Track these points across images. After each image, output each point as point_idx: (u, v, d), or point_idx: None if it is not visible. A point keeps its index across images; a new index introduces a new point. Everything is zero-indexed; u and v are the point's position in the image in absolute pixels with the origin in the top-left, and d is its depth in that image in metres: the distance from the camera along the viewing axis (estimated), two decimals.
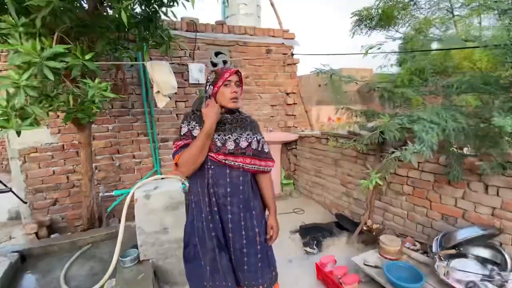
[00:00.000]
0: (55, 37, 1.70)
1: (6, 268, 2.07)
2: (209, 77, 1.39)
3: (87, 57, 1.63)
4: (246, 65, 3.91)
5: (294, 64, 4.24)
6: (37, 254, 2.44)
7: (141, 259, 2.13)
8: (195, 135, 1.34)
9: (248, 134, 1.41)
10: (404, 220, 2.57)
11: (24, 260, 2.36)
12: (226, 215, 1.39)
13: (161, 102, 2.72)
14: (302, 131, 4.11)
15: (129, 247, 2.23)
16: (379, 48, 1.75)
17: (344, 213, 3.21)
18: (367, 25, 7.61)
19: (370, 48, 1.74)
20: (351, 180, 3.11)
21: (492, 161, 1.85)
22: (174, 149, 1.37)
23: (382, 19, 6.36)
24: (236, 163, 1.36)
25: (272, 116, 4.22)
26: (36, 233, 2.93)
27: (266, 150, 1.51)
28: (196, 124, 1.37)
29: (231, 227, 1.40)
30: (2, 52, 2.69)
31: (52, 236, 2.92)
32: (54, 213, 3.13)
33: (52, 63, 1.40)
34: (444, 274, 1.87)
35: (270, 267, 1.51)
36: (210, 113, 1.29)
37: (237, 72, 1.38)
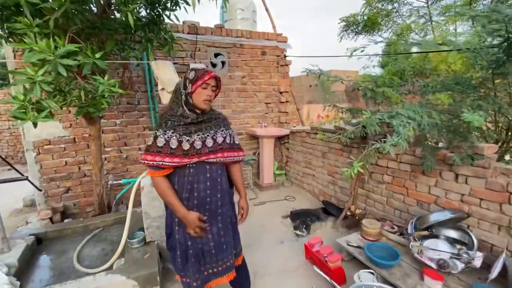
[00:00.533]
0: (67, 37, 1.69)
1: (24, 249, 2.08)
2: (188, 75, 1.32)
3: (97, 55, 1.63)
4: (243, 66, 3.91)
5: (287, 65, 4.25)
6: (52, 237, 2.45)
7: (147, 240, 2.16)
8: (173, 147, 1.28)
9: (222, 130, 1.43)
10: (383, 206, 2.63)
11: (40, 243, 2.37)
12: (205, 206, 1.37)
13: (166, 98, 2.72)
14: (294, 126, 4.14)
15: (136, 230, 2.26)
16: (363, 51, 1.77)
17: (330, 201, 3.26)
18: (354, 30, 7.62)
19: (355, 51, 1.76)
20: (337, 171, 3.15)
21: (462, 153, 1.89)
22: (150, 162, 1.27)
23: (367, 25, 6.38)
24: (217, 159, 1.37)
25: (266, 113, 4.24)
26: (51, 218, 2.93)
27: (237, 142, 1.53)
28: (173, 134, 1.29)
29: (208, 215, 1.39)
30: (17, 51, 2.65)
31: (65, 221, 2.92)
32: (67, 200, 3.13)
33: (65, 61, 1.39)
34: (418, 253, 1.94)
35: (238, 243, 1.58)
36: (192, 224, 1.30)
37: (216, 78, 1.34)
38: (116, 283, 1.74)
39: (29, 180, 2.14)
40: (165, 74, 2.68)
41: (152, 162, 1.27)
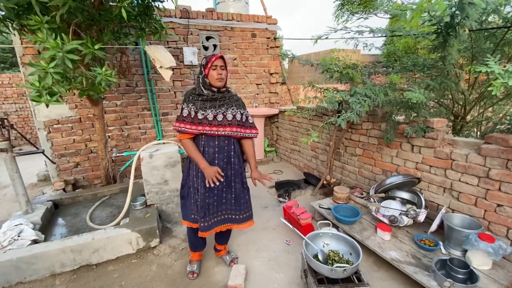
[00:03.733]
0: (70, 30, 1.97)
1: (44, 211, 2.49)
2: (202, 62, 1.66)
3: (96, 47, 1.92)
4: (234, 48, 4.13)
5: (277, 47, 4.45)
6: (66, 203, 2.86)
7: (148, 204, 2.55)
8: (192, 117, 1.66)
9: (233, 109, 1.72)
10: (356, 175, 2.98)
11: (56, 208, 2.79)
12: (214, 164, 1.71)
13: (166, 75, 2.97)
14: (282, 106, 4.43)
15: (139, 196, 2.65)
16: (327, 38, 2.02)
17: (313, 173, 3.62)
18: (348, 9, 7.66)
19: (320, 37, 2.01)
20: (318, 146, 3.49)
21: (415, 126, 2.20)
22: (177, 127, 1.66)
23: (361, 4, 6.48)
24: (225, 132, 1.68)
25: (257, 94, 4.51)
26: (64, 189, 3.34)
27: (251, 121, 1.81)
28: (192, 107, 1.65)
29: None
30: (23, 39, 2.93)
31: (76, 191, 3.33)
32: (77, 174, 3.53)
33: (70, 56, 1.70)
34: (375, 211, 2.31)
35: (242, 206, 1.86)
36: (209, 174, 1.62)
37: (222, 58, 1.63)
38: (123, 234, 2.14)
39: (44, 154, 2.51)
40: (159, 54, 2.96)
41: (178, 128, 1.67)
